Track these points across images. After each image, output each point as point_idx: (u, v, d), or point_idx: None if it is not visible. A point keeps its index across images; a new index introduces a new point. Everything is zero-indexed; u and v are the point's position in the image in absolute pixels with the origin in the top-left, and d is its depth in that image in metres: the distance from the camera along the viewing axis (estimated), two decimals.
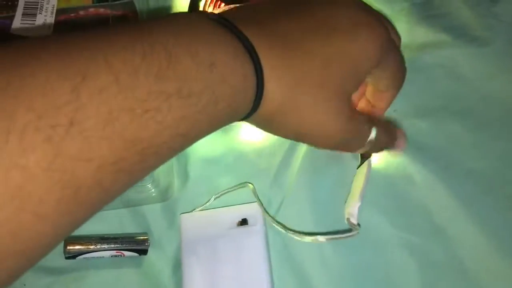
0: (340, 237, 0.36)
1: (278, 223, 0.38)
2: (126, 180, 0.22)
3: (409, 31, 0.45)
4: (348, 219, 0.36)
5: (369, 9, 0.30)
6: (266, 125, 0.30)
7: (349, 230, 0.35)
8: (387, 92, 0.34)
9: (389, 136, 0.34)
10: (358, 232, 0.35)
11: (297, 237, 0.37)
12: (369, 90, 0.35)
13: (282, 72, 0.26)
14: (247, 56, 0.25)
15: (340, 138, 0.30)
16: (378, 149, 0.34)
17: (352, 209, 0.36)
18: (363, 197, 0.36)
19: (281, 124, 0.28)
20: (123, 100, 0.20)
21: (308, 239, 0.37)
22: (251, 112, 0.27)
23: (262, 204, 0.39)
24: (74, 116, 0.19)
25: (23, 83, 0.19)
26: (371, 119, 0.32)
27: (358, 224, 0.35)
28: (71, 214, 0.20)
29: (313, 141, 0.30)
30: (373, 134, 0.31)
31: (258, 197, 0.39)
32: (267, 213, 0.39)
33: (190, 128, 0.23)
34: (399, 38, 0.34)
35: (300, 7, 0.29)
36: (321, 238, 0.36)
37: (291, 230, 0.38)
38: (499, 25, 0.44)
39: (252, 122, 0.29)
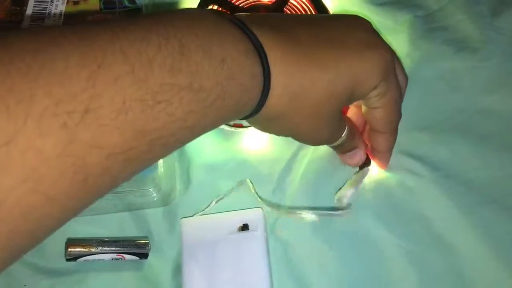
0: (330, 214, 0.37)
1: (261, 198, 0.39)
2: (132, 169, 0.22)
3: (410, 43, 0.46)
4: (338, 199, 0.37)
5: (380, 37, 0.32)
6: (264, 124, 0.30)
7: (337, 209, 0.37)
8: (382, 134, 0.35)
9: (352, 142, 0.36)
10: (349, 211, 0.36)
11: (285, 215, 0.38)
12: (367, 130, 0.37)
13: (290, 78, 0.27)
14: (257, 57, 0.26)
15: (327, 141, 0.34)
16: (343, 149, 0.37)
17: (345, 192, 0.37)
18: (357, 188, 0.37)
19: (280, 125, 0.30)
20: (137, 90, 0.20)
21: (296, 215, 0.38)
22: (254, 111, 0.27)
23: (261, 198, 0.40)
24: (89, 104, 0.19)
25: (43, 69, 0.19)
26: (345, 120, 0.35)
27: (350, 205, 0.36)
28: (78, 198, 0.21)
29: (301, 140, 0.33)
30: (344, 133, 0.34)
31: (256, 192, 0.40)
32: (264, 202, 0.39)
33: (198, 122, 0.23)
34: (406, 77, 0.35)
35: (315, 22, 0.30)
36: (309, 214, 0.37)
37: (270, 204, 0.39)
38: (500, 39, 0.45)
39: (250, 119, 0.29)
